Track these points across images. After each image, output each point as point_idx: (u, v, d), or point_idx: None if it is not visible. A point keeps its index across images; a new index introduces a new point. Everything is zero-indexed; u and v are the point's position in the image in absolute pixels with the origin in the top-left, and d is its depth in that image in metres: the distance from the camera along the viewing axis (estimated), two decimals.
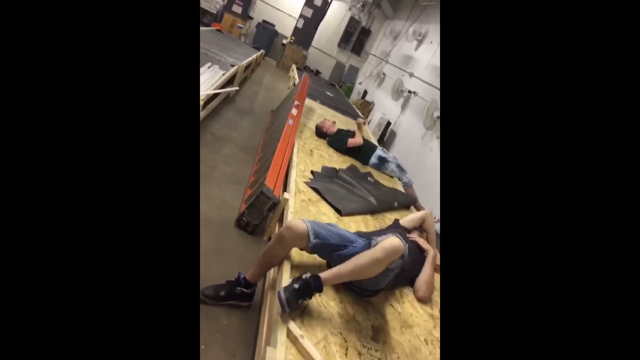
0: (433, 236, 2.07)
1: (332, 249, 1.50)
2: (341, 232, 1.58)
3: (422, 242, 1.89)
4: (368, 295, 1.52)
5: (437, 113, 3.75)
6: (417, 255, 1.80)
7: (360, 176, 2.78)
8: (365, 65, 8.94)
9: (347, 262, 1.33)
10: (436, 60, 4.78)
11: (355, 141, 3.16)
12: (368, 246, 1.42)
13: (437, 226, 2.09)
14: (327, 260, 1.54)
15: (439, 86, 4.29)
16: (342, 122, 4.35)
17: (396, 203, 2.57)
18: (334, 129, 3.30)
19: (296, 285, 1.23)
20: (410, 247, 1.79)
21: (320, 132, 3.34)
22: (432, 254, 1.82)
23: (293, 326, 1.19)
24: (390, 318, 1.50)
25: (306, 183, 2.27)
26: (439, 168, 3.51)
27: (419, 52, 5.45)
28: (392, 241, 1.30)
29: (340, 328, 1.31)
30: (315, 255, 1.57)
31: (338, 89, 7.82)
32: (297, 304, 1.23)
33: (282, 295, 1.21)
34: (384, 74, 6.78)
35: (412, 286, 1.76)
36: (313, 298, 1.37)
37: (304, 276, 1.27)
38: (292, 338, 1.15)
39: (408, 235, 1.92)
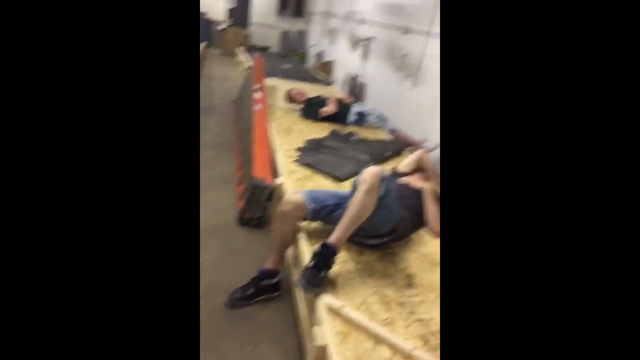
0: (432, 172, 2.06)
1: (332, 209, 1.51)
2: (336, 192, 1.58)
3: (410, 180, 1.86)
4: (389, 241, 1.52)
5: (402, 52, 3.67)
6: (416, 196, 1.79)
7: (344, 138, 2.75)
8: (313, 26, 8.68)
9: (345, 211, 1.34)
10: None
11: (328, 110, 3.09)
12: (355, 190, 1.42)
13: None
14: (333, 224, 1.53)
15: (392, 24, 4.18)
16: (309, 89, 4.25)
17: (388, 152, 2.55)
18: (304, 97, 3.24)
19: (310, 264, 1.24)
20: (407, 190, 1.79)
21: (291, 99, 3.32)
22: (426, 190, 1.81)
23: (330, 299, 1.19)
24: (419, 262, 1.51)
25: (296, 161, 2.24)
26: (421, 107, 3.48)
27: None
28: (367, 170, 1.36)
29: (376, 286, 1.32)
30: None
31: (292, 58, 7.62)
32: (320, 279, 1.24)
33: (301, 282, 1.23)
34: (334, 29, 6.59)
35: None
36: (340, 266, 1.37)
37: (314, 252, 1.27)
38: (333, 311, 1.15)
39: (400, 179, 1.91)
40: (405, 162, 2.08)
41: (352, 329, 1.10)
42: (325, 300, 1.18)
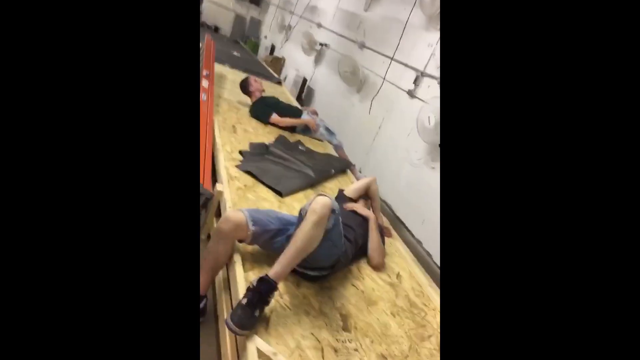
0: (377, 202, 2.05)
1: (274, 234, 1.40)
2: (281, 215, 1.48)
3: (358, 208, 1.84)
4: (329, 275, 1.46)
5: (349, 69, 3.65)
6: (361, 225, 1.76)
7: (292, 147, 2.64)
8: (268, 17, 8.39)
9: (290, 243, 1.23)
10: (344, 5, 4.60)
11: (278, 120, 2.93)
12: (302, 219, 1.32)
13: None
14: (273, 250, 1.42)
15: (349, 36, 4.16)
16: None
17: (333, 170, 2.50)
18: (259, 95, 3.05)
19: (244, 301, 1.10)
20: (352, 217, 1.75)
21: (245, 89, 3.08)
22: (373, 219, 1.79)
23: (261, 344, 1.08)
24: (355, 299, 1.47)
25: (237, 167, 2.07)
26: (366, 124, 3.50)
27: (323, 0, 5.20)
28: (317, 199, 1.26)
29: (311, 328, 1.23)
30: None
31: (243, 45, 7.28)
32: (254, 319, 1.09)
33: (231, 323, 1.06)
34: (290, 25, 6.42)
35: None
36: (275, 302, 1.26)
37: (249, 286, 1.14)
38: (264, 358, 1.04)
39: (347, 205, 1.87)
40: (353, 187, 2.04)
41: None
42: (257, 344, 1.07)
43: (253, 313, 1.09)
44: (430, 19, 2.83)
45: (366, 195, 2.03)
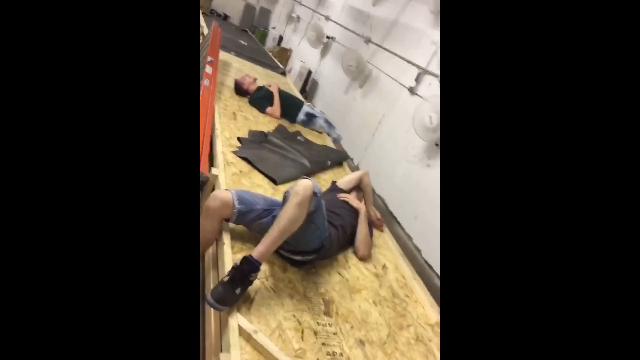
0: (370, 195, 2.09)
1: (260, 214, 1.43)
2: (268, 197, 1.52)
3: (350, 199, 1.88)
4: (315, 259, 1.49)
5: (354, 63, 3.66)
6: (351, 216, 1.80)
7: (290, 137, 2.67)
8: (278, 7, 8.36)
9: (273, 224, 1.27)
10: (352, 1, 4.60)
11: (273, 113, 2.95)
12: (286, 201, 1.36)
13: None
14: (259, 231, 1.46)
15: (356, 31, 4.16)
16: (261, 75, 4.07)
17: (329, 162, 2.53)
18: (255, 87, 3.06)
19: (226, 279, 1.13)
20: (343, 206, 1.79)
21: (240, 90, 3.08)
22: (363, 211, 1.83)
23: (243, 322, 1.12)
24: (340, 287, 1.51)
25: (234, 153, 2.11)
26: (367, 119, 3.52)
27: None
28: (300, 182, 1.31)
29: (293, 310, 1.28)
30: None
31: (251, 35, 7.27)
32: (234, 297, 1.13)
33: (210, 298, 1.09)
34: (298, 17, 6.41)
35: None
36: (260, 283, 1.30)
37: (233, 264, 1.18)
38: (245, 336, 1.09)
39: (340, 195, 1.91)
40: (346, 179, 2.07)
41: (262, 358, 1.05)
42: (238, 321, 1.11)
43: (234, 290, 1.13)
44: (435, 16, 2.83)
45: (359, 188, 2.06)
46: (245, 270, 1.16)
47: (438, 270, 2.29)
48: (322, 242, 1.47)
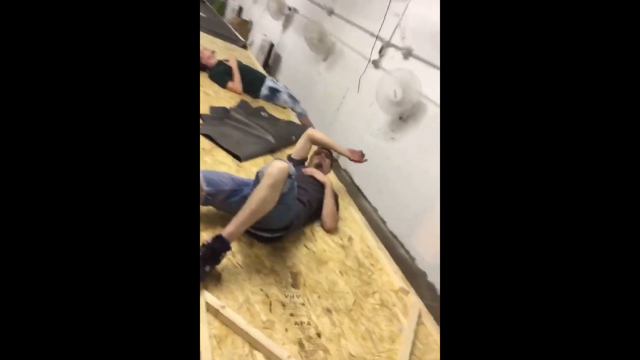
0: (329, 142, 2.08)
1: (228, 195, 1.42)
2: (235, 176, 1.50)
3: (316, 173, 1.89)
4: (281, 237, 1.51)
5: (316, 35, 3.58)
6: (316, 190, 1.82)
7: (253, 112, 2.61)
8: None
9: (244, 204, 1.27)
10: None
11: (235, 88, 2.87)
12: (258, 182, 1.36)
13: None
14: (227, 211, 1.45)
15: (318, 2, 4.06)
16: (221, 48, 3.92)
17: (294, 137, 2.51)
18: (214, 61, 2.95)
19: None
20: (309, 181, 1.80)
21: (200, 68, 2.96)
22: (329, 185, 1.86)
23: (211, 298, 1.12)
24: (307, 259, 1.54)
25: None
26: (331, 93, 3.50)
27: None
28: (274, 163, 1.29)
29: (261, 284, 1.29)
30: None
31: (209, 5, 6.94)
32: (202, 274, 1.13)
33: None
34: None
35: None
36: (227, 260, 1.30)
37: (203, 242, 1.17)
38: (212, 311, 1.09)
39: (306, 169, 1.92)
40: (297, 148, 2.08)
41: (230, 332, 1.06)
42: (206, 298, 1.11)
43: (203, 268, 1.13)
44: None
45: (319, 150, 2.08)
46: (215, 248, 1.16)
47: (403, 240, 2.38)
48: (291, 220, 1.48)
